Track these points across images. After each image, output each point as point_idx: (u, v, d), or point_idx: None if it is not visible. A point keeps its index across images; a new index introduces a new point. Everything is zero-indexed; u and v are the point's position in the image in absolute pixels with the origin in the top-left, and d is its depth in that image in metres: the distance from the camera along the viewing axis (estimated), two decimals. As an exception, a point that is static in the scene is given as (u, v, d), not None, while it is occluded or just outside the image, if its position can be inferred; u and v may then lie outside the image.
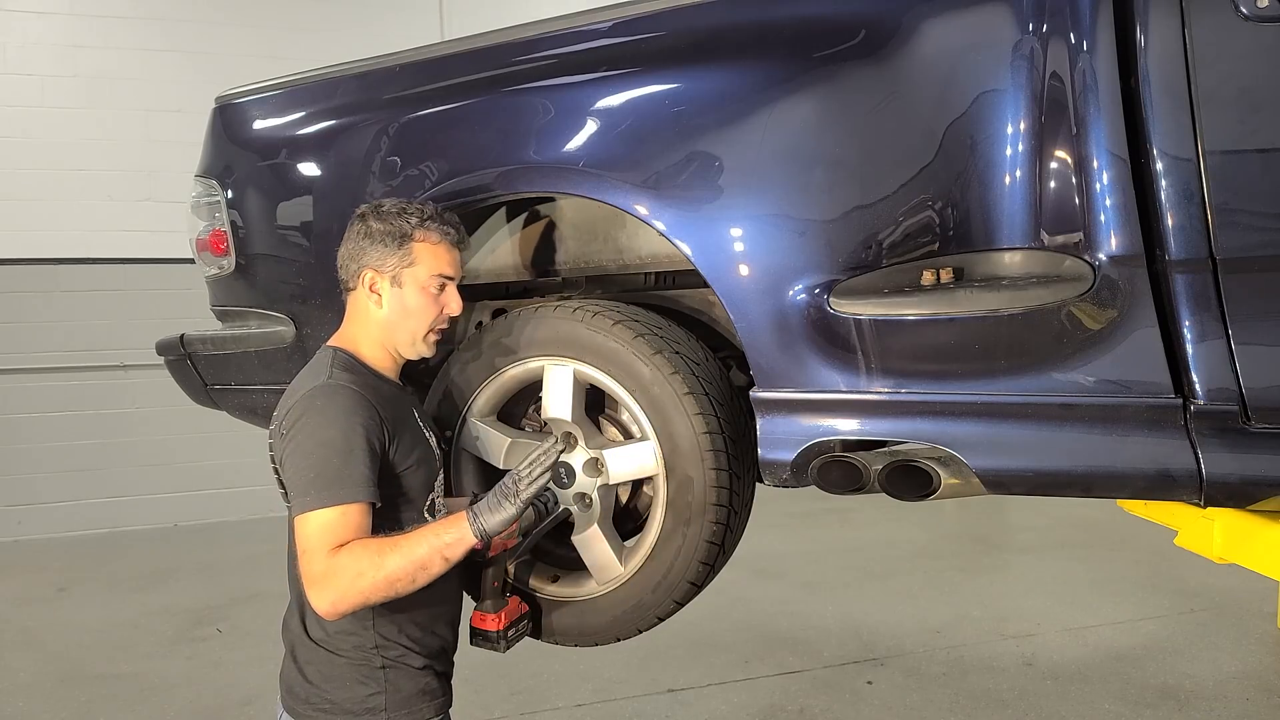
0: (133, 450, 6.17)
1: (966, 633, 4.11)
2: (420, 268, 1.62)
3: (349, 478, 1.46)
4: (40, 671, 3.90)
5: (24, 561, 5.54)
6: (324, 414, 1.49)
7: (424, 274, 1.63)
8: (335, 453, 1.46)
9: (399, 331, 1.64)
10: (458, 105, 1.86)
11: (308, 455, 1.46)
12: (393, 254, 1.61)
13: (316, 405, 1.50)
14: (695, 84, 1.64)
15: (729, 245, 1.60)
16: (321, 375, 1.55)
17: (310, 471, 1.45)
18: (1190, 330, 1.37)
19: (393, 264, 1.61)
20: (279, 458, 1.53)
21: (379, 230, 1.61)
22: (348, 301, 1.68)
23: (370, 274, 1.62)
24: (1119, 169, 1.37)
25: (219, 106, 2.18)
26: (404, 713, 1.56)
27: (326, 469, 1.45)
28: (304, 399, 1.52)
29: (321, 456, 1.46)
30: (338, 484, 1.45)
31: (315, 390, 1.52)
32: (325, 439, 1.47)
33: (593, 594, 1.82)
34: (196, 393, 2.31)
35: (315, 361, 1.63)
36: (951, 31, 1.49)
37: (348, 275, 1.65)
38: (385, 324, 1.64)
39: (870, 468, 1.53)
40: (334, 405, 1.50)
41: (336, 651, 1.56)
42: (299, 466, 1.47)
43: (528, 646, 1.97)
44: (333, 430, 1.47)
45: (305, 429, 1.48)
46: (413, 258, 1.62)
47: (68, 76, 6.02)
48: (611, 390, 1.76)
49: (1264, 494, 1.39)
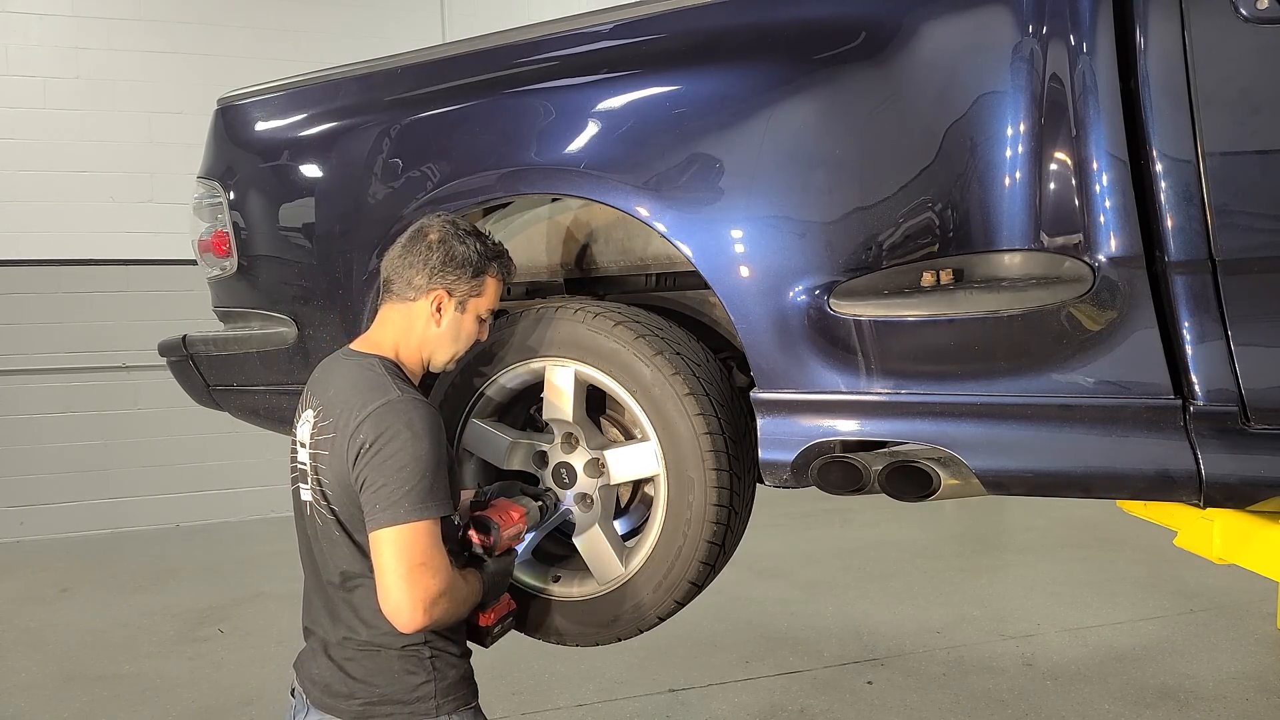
0: (135, 451, 6.17)
1: (966, 633, 4.11)
2: (484, 300, 1.67)
3: (439, 490, 1.52)
4: (42, 672, 3.90)
5: (26, 562, 5.54)
6: (413, 428, 1.51)
7: (484, 306, 1.68)
8: (428, 466, 1.50)
9: (444, 351, 1.67)
10: (460, 107, 1.86)
11: (401, 469, 1.49)
12: (467, 280, 1.63)
13: (406, 419, 1.52)
14: (696, 86, 1.64)
15: (730, 247, 1.60)
16: (389, 388, 1.56)
17: (406, 484, 1.48)
18: (1190, 331, 1.37)
19: (464, 290, 1.64)
20: (357, 465, 1.52)
21: (462, 255, 1.63)
22: (389, 308, 1.66)
23: (441, 294, 1.63)
24: (1119, 170, 1.38)
25: (221, 108, 2.18)
26: (451, 698, 1.59)
27: (422, 482, 1.49)
28: (386, 412, 1.52)
29: (416, 470, 1.49)
30: (432, 496, 1.50)
31: (396, 404, 1.53)
32: (418, 453, 1.50)
33: (594, 594, 1.82)
34: (199, 394, 2.32)
35: (364, 373, 1.60)
36: (951, 33, 1.50)
37: (409, 287, 1.64)
38: (435, 341, 1.66)
39: (870, 468, 1.54)
40: (423, 420, 1.52)
41: (386, 647, 1.58)
42: (390, 479, 1.49)
43: (528, 646, 1.98)
44: (423, 444, 1.50)
45: (398, 441, 1.50)
46: (483, 289, 1.66)
47: (69, 78, 6.03)
48: (613, 391, 1.77)
49: (1263, 495, 1.39)
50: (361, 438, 1.52)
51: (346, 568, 1.58)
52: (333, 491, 1.56)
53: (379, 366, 1.61)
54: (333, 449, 1.55)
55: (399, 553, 1.48)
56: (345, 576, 1.58)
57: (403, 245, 1.65)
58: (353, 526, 1.56)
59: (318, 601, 1.65)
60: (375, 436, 1.51)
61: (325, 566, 1.61)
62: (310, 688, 1.64)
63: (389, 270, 1.66)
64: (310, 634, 1.67)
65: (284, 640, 3.94)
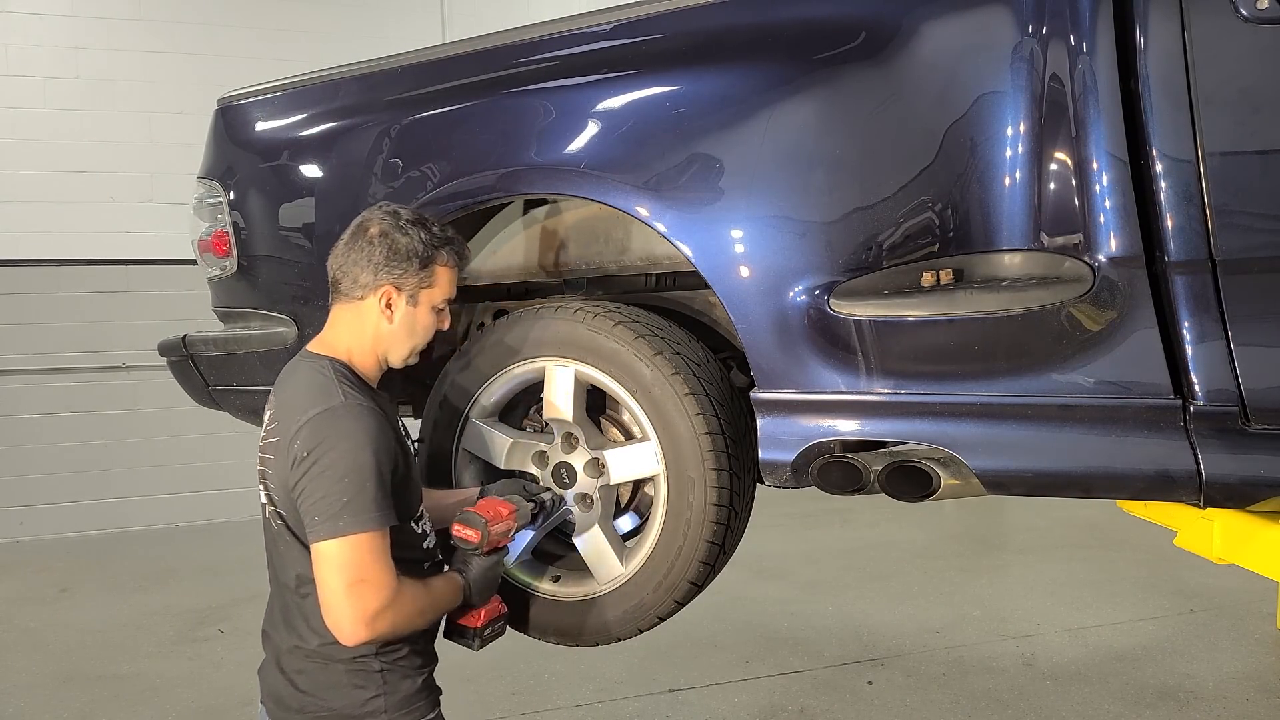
0: (135, 451, 6.17)
1: (966, 633, 4.11)
2: (436, 290, 1.62)
3: (381, 501, 1.46)
4: (42, 672, 3.90)
5: (26, 562, 5.54)
6: (353, 438, 1.46)
7: (439, 296, 1.63)
8: (368, 476, 1.45)
9: (400, 346, 1.62)
10: (460, 107, 1.86)
11: (339, 480, 1.44)
12: (415, 274, 1.58)
13: (341, 427, 1.46)
14: (696, 86, 1.64)
15: (730, 247, 1.60)
16: (334, 393, 1.51)
17: (344, 495, 1.43)
18: (1190, 331, 1.37)
19: (413, 283, 1.59)
20: (295, 474, 1.48)
21: (405, 247, 1.57)
22: (340, 308, 1.62)
23: (389, 289, 1.58)
24: (1119, 170, 1.38)
25: (221, 108, 2.18)
26: (404, 712, 1.55)
27: (362, 493, 1.44)
28: (325, 421, 1.47)
29: (355, 481, 1.44)
30: (373, 508, 1.45)
31: (336, 411, 1.48)
32: (357, 463, 1.45)
33: (594, 594, 1.82)
34: (199, 394, 2.31)
35: (313, 375, 1.56)
36: (951, 33, 1.50)
37: (355, 285, 1.59)
38: (389, 338, 1.61)
39: (870, 468, 1.53)
40: (360, 426, 1.47)
41: (332, 659, 1.53)
42: (329, 491, 1.44)
43: (528, 646, 1.98)
44: (364, 454, 1.45)
45: (334, 451, 1.45)
46: (433, 279, 1.61)
47: (69, 78, 6.02)
48: (612, 391, 1.77)
49: (1263, 494, 1.39)
50: (298, 445, 1.47)
51: (299, 571, 1.54)
52: (279, 496, 1.53)
53: (328, 369, 1.56)
54: (277, 453, 1.52)
55: (338, 568, 1.43)
56: (299, 581, 1.54)
57: (345, 242, 1.60)
58: (300, 532, 1.51)
59: (276, 606, 1.62)
60: (313, 446, 1.46)
61: (281, 570, 1.58)
62: (266, 699, 1.61)
63: (334, 269, 1.61)
64: (266, 639, 1.64)
65: (284, 640, 3.93)
